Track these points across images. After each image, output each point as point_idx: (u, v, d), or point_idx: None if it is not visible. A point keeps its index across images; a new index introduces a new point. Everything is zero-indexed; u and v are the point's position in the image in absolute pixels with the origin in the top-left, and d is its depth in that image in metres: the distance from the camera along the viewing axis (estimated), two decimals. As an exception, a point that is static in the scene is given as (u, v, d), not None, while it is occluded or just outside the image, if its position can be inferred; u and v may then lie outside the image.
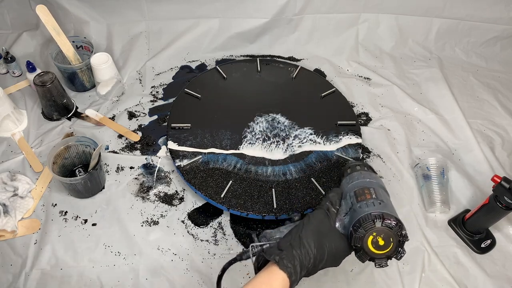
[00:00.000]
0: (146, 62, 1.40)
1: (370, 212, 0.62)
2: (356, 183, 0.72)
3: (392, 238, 0.61)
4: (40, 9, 1.19)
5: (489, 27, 1.47)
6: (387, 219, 0.60)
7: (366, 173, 0.75)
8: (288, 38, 1.48)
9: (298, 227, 0.67)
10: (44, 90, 1.13)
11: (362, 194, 0.67)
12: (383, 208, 0.63)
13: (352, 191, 0.70)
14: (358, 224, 0.62)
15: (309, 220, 0.67)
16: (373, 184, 0.71)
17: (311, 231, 0.65)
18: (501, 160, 1.18)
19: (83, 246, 0.96)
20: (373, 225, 0.61)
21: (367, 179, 0.72)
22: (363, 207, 0.64)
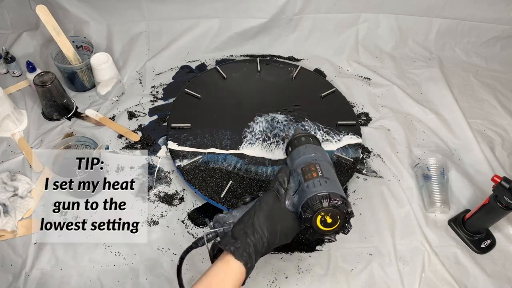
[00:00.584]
0: (146, 62, 1.40)
1: (317, 193, 0.65)
2: (303, 158, 0.74)
3: (339, 216, 0.65)
4: (40, 9, 1.19)
5: (489, 27, 1.47)
6: (333, 199, 0.64)
7: (311, 147, 0.77)
8: (288, 38, 1.48)
9: (250, 213, 0.68)
10: (44, 90, 1.13)
11: (308, 171, 0.70)
12: (329, 186, 0.66)
13: (299, 167, 0.72)
14: (307, 206, 0.65)
15: (260, 205, 0.68)
16: (318, 159, 0.73)
17: (264, 216, 0.66)
18: (501, 160, 1.18)
19: (83, 246, 0.96)
20: (321, 205, 0.64)
21: (312, 153, 0.75)
22: (310, 187, 0.66)
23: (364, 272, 0.95)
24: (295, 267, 0.96)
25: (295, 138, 0.82)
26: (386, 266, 0.96)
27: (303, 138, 0.80)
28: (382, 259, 0.97)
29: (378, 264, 0.96)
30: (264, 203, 0.68)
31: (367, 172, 1.14)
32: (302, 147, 0.77)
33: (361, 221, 1.04)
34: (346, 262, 0.96)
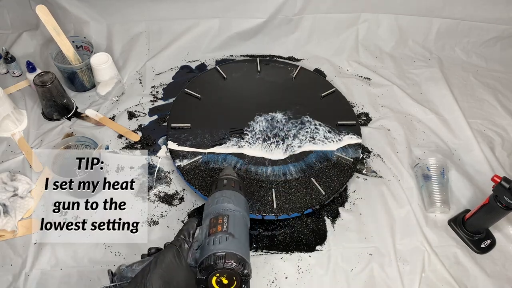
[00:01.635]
0: (146, 62, 1.40)
1: (213, 253, 0.62)
2: (214, 207, 0.72)
3: (235, 277, 0.62)
4: (40, 9, 1.19)
5: (489, 27, 1.47)
6: (228, 260, 0.61)
7: (228, 194, 0.75)
8: (288, 38, 1.48)
9: (144, 271, 0.65)
10: (44, 90, 1.13)
11: (214, 225, 0.68)
12: (228, 245, 0.64)
13: (208, 218, 0.70)
14: (202, 266, 0.63)
15: (156, 262, 0.65)
16: (229, 209, 0.71)
17: (157, 275, 0.63)
18: (501, 160, 1.18)
19: (83, 246, 0.96)
20: (215, 266, 0.61)
21: (225, 202, 0.73)
22: (210, 244, 0.64)
23: (364, 272, 0.95)
24: (295, 267, 0.96)
25: (217, 180, 0.79)
26: (386, 266, 0.96)
27: (225, 181, 0.78)
28: (382, 259, 0.97)
29: (378, 264, 0.96)
30: (161, 260, 0.65)
31: (367, 172, 1.14)
32: (218, 194, 0.75)
33: (361, 221, 1.04)
34: (346, 262, 0.96)
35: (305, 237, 1.00)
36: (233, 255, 0.62)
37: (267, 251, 0.98)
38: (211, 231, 0.67)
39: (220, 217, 0.69)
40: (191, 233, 0.70)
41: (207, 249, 0.64)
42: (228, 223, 0.68)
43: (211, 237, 0.65)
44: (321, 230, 1.02)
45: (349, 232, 1.02)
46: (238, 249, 0.64)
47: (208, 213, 0.72)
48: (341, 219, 1.04)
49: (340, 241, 1.00)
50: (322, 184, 1.05)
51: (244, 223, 0.72)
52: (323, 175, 1.07)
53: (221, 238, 0.65)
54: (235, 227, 0.68)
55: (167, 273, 0.64)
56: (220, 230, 0.66)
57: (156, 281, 0.63)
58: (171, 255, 0.66)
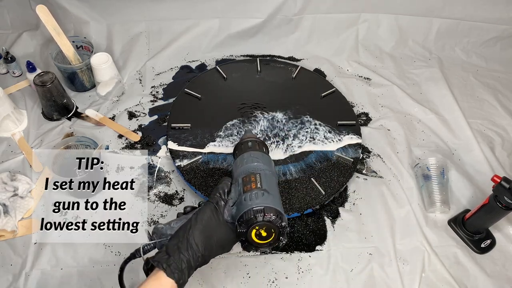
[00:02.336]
0: (146, 62, 1.40)
1: (252, 207, 0.65)
2: (245, 167, 0.75)
3: (273, 229, 0.65)
4: (40, 9, 1.19)
5: (489, 27, 1.47)
6: (267, 213, 0.64)
7: (256, 154, 0.78)
8: (288, 38, 1.48)
9: (185, 228, 0.68)
10: (44, 90, 1.13)
11: (248, 182, 0.70)
12: (265, 200, 0.66)
13: (240, 177, 0.73)
14: (242, 220, 0.65)
15: (196, 218, 0.68)
16: (260, 168, 0.74)
17: (199, 231, 0.67)
18: (501, 160, 1.18)
19: (83, 246, 0.96)
20: (255, 220, 0.64)
21: (255, 162, 0.76)
22: (247, 199, 0.67)
23: (364, 272, 0.95)
24: (295, 267, 0.96)
25: (242, 142, 0.81)
26: (386, 266, 0.96)
27: (250, 143, 0.80)
28: (382, 259, 0.97)
29: (378, 264, 0.96)
30: (200, 217, 0.68)
31: (367, 172, 1.14)
32: (247, 154, 0.78)
33: (361, 221, 1.04)
34: (346, 262, 0.96)
35: (305, 237, 1.00)
36: (271, 209, 0.65)
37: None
38: (245, 188, 0.69)
39: (252, 175, 0.71)
40: (226, 191, 0.72)
41: (244, 205, 0.67)
42: (261, 180, 0.70)
43: (247, 194, 0.68)
44: (321, 230, 1.02)
45: (349, 232, 1.02)
46: (274, 203, 0.67)
47: (240, 172, 0.74)
48: (341, 219, 1.04)
49: (340, 241, 1.00)
50: (322, 184, 1.05)
51: (275, 180, 0.74)
52: (323, 175, 1.07)
53: (257, 194, 0.67)
54: (268, 184, 0.70)
55: (208, 229, 0.67)
56: (254, 187, 0.69)
57: (198, 236, 0.66)
58: (210, 211, 0.69)
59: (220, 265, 0.94)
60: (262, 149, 0.81)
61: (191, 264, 0.65)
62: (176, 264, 0.64)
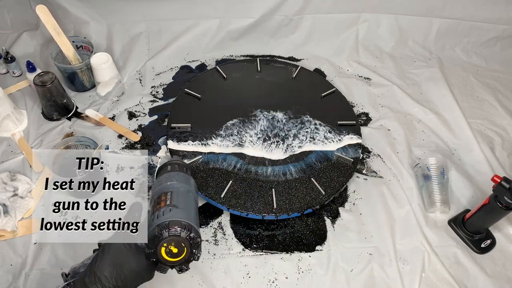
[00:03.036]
0: (146, 62, 1.40)
1: (157, 224, 0.62)
2: (159, 188, 0.71)
3: (183, 243, 0.61)
4: (40, 9, 1.19)
5: (489, 27, 1.47)
6: (172, 227, 0.60)
7: (172, 174, 0.74)
8: (288, 38, 1.48)
9: (93, 260, 0.65)
10: (44, 90, 1.13)
11: (158, 202, 0.67)
12: (172, 215, 0.63)
13: (153, 199, 0.70)
14: (149, 239, 0.62)
15: (103, 250, 0.65)
16: (173, 187, 0.70)
17: (107, 262, 0.63)
18: (501, 160, 1.18)
19: (83, 246, 0.96)
20: (161, 236, 0.60)
21: (168, 182, 0.72)
22: (155, 219, 0.64)
23: (364, 272, 0.95)
24: (295, 267, 0.96)
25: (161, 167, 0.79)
26: (386, 266, 0.96)
27: (169, 166, 0.77)
28: (382, 259, 0.97)
29: (378, 264, 0.96)
30: (108, 247, 0.65)
31: (367, 172, 1.14)
32: (162, 177, 0.75)
33: (361, 221, 1.04)
34: (346, 262, 0.96)
35: (305, 237, 1.00)
36: (176, 222, 0.62)
37: (267, 251, 0.98)
38: (155, 208, 0.67)
39: (163, 195, 0.68)
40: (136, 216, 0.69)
41: (152, 224, 0.64)
42: (172, 197, 0.67)
43: (155, 213, 0.65)
44: (321, 230, 1.02)
45: (349, 232, 1.02)
46: (182, 216, 0.63)
47: (152, 195, 0.72)
48: (341, 219, 1.04)
49: (340, 241, 1.00)
50: (322, 184, 1.05)
51: (191, 196, 0.70)
52: (323, 175, 1.07)
53: (165, 210, 0.64)
54: (179, 200, 0.67)
55: (117, 258, 0.63)
56: (163, 205, 0.66)
57: (107, 268, 0.62)
58: None
59: (220, 265, 0.94)
60: (182, 169, 0.77)
61: None
62: None
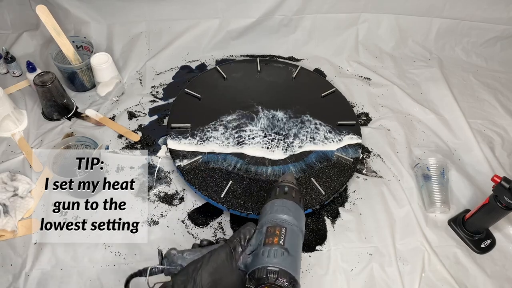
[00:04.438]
0: (146, 62, 1.40)
1: (267, 266, 0.62)
2: (273, 216, 0.71)
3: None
4: (40, 9, 1.19)
5: (489, 27, 1.47)
6: (281, 278, 0.61)
7: (289, 204, 0.73)
8: (288, 38, 1.48)
9: (196, 265, 0.66)
10: (44, 90, 1.13)
11: (271, 235, 0.67)
12: (283, 261, 0.63)
13: (265, 226, 0.69)
14: (253, 275, 0.62)
15: (209, 259, 0.66)
16: (288, 223, 0.70)
17: (208, 273, 0.65)
18: (501, 160, 1.18)
19: (83, 246, 0.96)
20: (267, 280, 0.61)
21: (285, 214, 0.71)
22: (265, 254, 0.64)
23: (364, 272, 0.95)
24: (295, 267, 0.96)
25: (278, 186, 0.78)
26: (386, 266, 0.96)
27: (286, 188, 0.77)
28: (382, 259, 0.97)
29: (378, 264, 0.96)
30: (214, 258, 0.66)
31: (367, 172, 1.14)
32: (279, 202, 0.74)
33: (361, 221, 1.04)
34: (346, 262, 0.96)
35: (305, 237, 1.00)
36: (286, 274, 0.62)
37: (267, 251, 0.97)
38: (267, 240, 0.66)
39: (278, 228, 0.68)
40: (247, 238, 0.69)
41: (261, 259, 0.64)
42: (286, 237, 0.66)
43: (266, 248, 0.65)
44: (321, 230, 1.02)
45: (349, 232, 1.02)
46: (291, 267, 0.63)
47: (266, 220, 0.71)
48: (341, 219, 1.04)
49: (340, 241, 1.00)
50: (322, 184, 1.05)
51: (300, 240, 0.70)
52: (323, 175, 1.07)
53: (277, 252, 0.64)
54: (291, 243, 0.66)
55: (218, 273, 0.65)
56: (276, 243, 0.65)
57: (206, 278, 0.64)
58: (224, 255, 0.67)
59: (220, 265, 0.94)
60: (297, 199, 0.76)
61: None
62: None
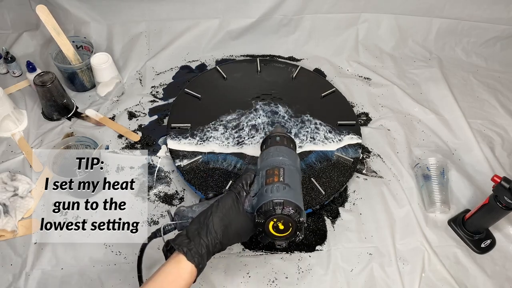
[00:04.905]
0: (146, 62, 1.40)
1: (272, 199, 0.66)
2: (270, 161, 0.75)
3: (291, 223, 0.66)
4: (40, 9, 1.19)
5: (489, 27, 1.47)
6: (286, 206, 0.65)
7: (283, 149, 0.78)
8: (288, 38, 1.48)
9: (206, 214, 0.70)
10: (44, 90, 1.13)
11: (271, 175, 0.71)
12: (286, 194, 0.67)
13: (264, 169, 0.73)
14: (261, 211, 0.66)
15: (217, 206, 0.70)
16: (285, 163, 0.74)
17: (219, 218, 0.68)
18: (501, 160, 1.18)
19: (83, 246, 0.96)
20: (274, 212, 0.65)
21: (280, 156, 0.76)
22: (268, 192, 0.68)
23: (364, 272, 0.95)
24: (295, 267, 0.96)
25: (270, 136, 0.83)
26: (386, 266, 0.96)
27: (278, 138, 0.81)
28: (382, 259, 0.97)
29: (378, 264, 0.96)
30: (222, 205, 0.70)
31: (367, 172, 1.14)
32: (273, 148, 0.79)
33: (361, 221, 1.04)
34: (346, 262, 0.96)
35: (305, 237, 1.00)
36: (290, 203, 0.65)
37: (267, 251, 0.98)
38: (268, 180, 0.70)
39: (276, 169, 0.72)
40: (248, 183, 0.73)
41: (265, 196, 0.67)
42: (285, 175, 0.71)
43: (269, 186, 0.69)
44: (321, 230, 1.02)
45: (349, 232, 1.02)
46: (294, 198, 0.67)
47: (264, 165, 0.75)
48: (341, 219, 1.04)
49: (340, 241, 1.00)
50: (322, 184, 1.05)
51: (298, 177, 0.74)
52: (323, 175, 1.07)
53: (279, 187, 0.68)
54: (291, 179, 0.70)
55: (227, 217, 0.69)
56: (277, 181, 0.69)
57: (217, 223, 0.68)
58: (231, 200, 0.70)
59: (220, 265, 0.95)
60: (289, 145, 0.81)
61: (210, 249, 0.67)
62: (196, 248, 0.65)
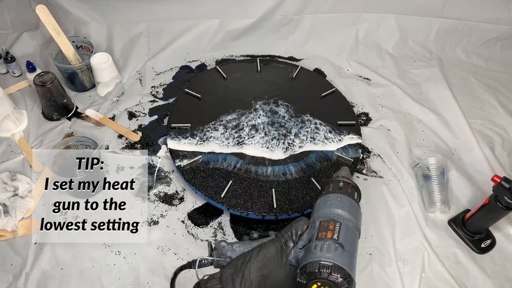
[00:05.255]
0: (146, 62, 1.40)
1: (319, 260, 0.59)
2: (327, 211, 0.67)
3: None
4: (40, 9, 1.19)
5: (489, 27, 1.47)
6: (334, 273, 0.57)
7: (344, 199, 0.69)
8: (288, 38, 1.48)
9: (245, 258, 0.64)
10: (44, 90, 1.13)
11: (324, 229, 0.63)
12: (337, 256, 0.59)
13: (318, 220, 0.66)
14: (304, 269, 0.59)
15: (258, 252, 0.64)
16: (343, 217, 0.66)
17: (257, 267, 0.62)
18: (501, 160, 1.18)
19: (83, 246, 0.96)
20: (319, 274, 0.58)
21: (339, 208, 0.67)
22: (317, 249, 0.60)
23: (364, 272, 0.95)
24: (295, 267, 0.95)
25: (332, 180, 0.74)
26: (386, 266, 0.96)
27: (341, 183, 0.72)
28: (382, 259, 0.97)
29: (378, 264, 0.96)
30: (263, 252, 0.64)
31: (367, 172, 1.14)
32: (333, 196, 0.70)
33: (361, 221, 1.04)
34: (346, 262, 0.96)
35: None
36: (340, 269, 0.58)
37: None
38: (320, 234, 0.62)
39: (332, 222, 0.64)
40: (299, 234, 0.66)
41: (313, 253, 0.60)
42: (340, 232, 0.62)
43: (319, 242, 0.61)
44: (321, 230, 1.01)
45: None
46: (346, 263, 0.59)
47: (319, 215, 0.67)
48: (341, 219, 1.04)
49: (340, 241, 1.00)
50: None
51: (357, 237, 0.66)
52: (323, 175, 1.07)
53: (330, 246, 0.60)
54: (346, 238, 0.62)
55: (267, 267, 0.63)
56: (330, 237, 0.61)
57: (254, 272, 0.62)
58: (275, 250, 0.65)
59: (220, 265, 0.94)
60: (353, 195, 0.72)
61: None
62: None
